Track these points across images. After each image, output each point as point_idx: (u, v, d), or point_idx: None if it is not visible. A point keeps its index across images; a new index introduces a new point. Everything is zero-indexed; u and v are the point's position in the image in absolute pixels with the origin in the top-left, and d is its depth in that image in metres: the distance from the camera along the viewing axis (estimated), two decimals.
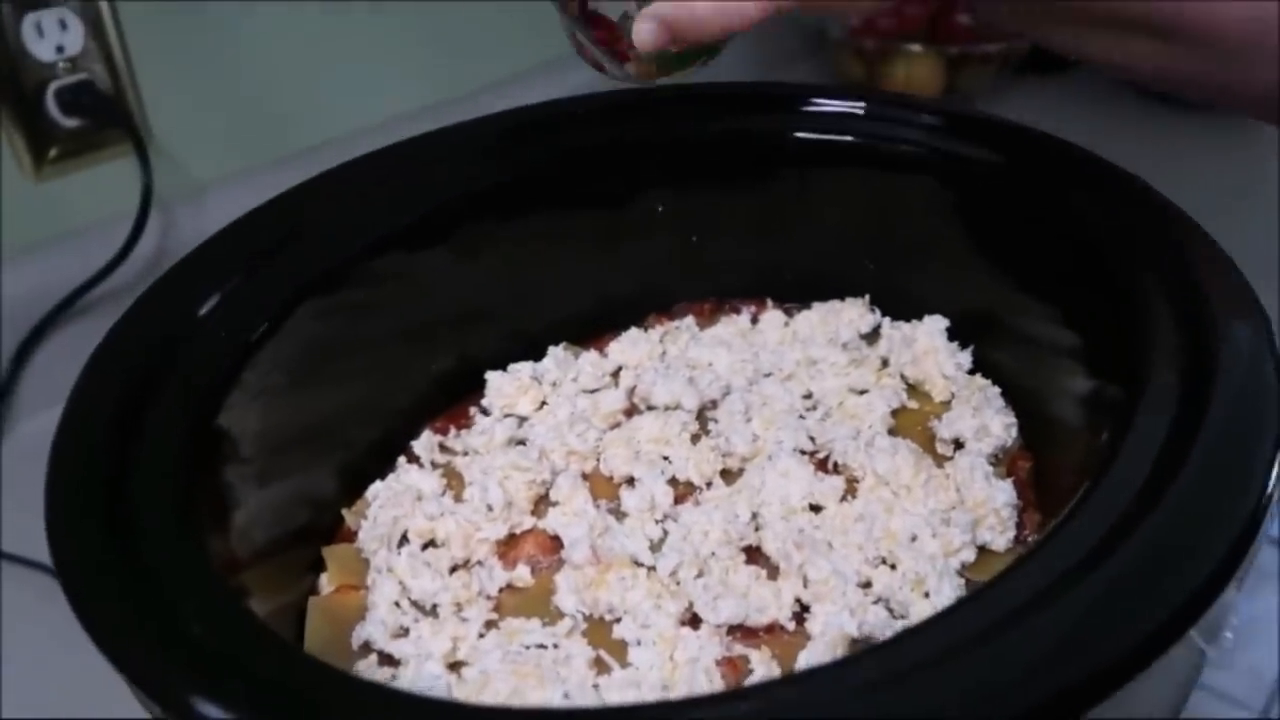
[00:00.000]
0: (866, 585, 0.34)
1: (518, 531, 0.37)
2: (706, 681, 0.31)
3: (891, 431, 0.40)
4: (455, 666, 0.33)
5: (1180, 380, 0.30)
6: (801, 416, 0.41)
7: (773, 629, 0.34)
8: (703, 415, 0.41)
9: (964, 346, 0.42)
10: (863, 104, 0.45)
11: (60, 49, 0.59)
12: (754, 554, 0.36)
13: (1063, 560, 0.26)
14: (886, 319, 0.45)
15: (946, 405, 0.41)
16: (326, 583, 0.37)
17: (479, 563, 0.36)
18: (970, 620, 0.25)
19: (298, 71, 0.69)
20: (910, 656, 0.25)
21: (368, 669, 0.33)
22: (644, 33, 0.35)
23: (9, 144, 0.59)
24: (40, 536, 0.29)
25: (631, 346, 0.44)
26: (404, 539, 0.37)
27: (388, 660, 0.34)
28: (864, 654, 0.27)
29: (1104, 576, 0.25)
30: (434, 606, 0.35)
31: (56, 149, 0.61)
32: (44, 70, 0.59)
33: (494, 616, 0.35)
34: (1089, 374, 0.36)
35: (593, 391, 0.43)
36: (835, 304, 0.45)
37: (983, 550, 0.35)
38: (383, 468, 0.41)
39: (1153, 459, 0.28)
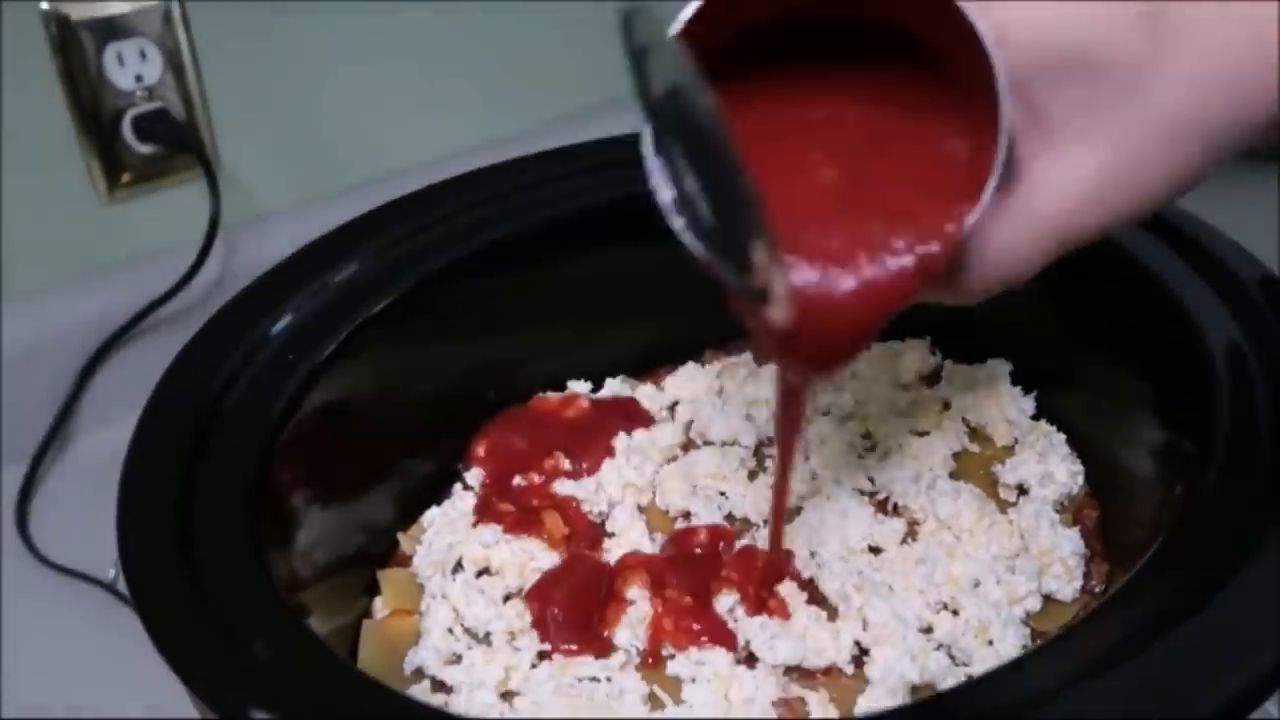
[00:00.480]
0: (928, 630, 0.33)
1: None
2: None
3: (953, 475, 0.39)
4: (507, 696, 0.33)
5: (1261, 438, 0.29)
6: (860, 456, 0.40)
7: (830, 671, 0.33)
8: (760, 452, 0.41)
9: (1027, 392, 0.42)
10: None
11: (139, 78, 0.61)
12: (813, 594, 0.35)
13: (1138, 617, 0.25)
14: (948, 361, 0.44)
15: (1009, 450, 0.40)
16: (381, 606, 0.37)
17: None
18: (1041, 672, 0.25)
19: (363, 106, 0.70)
20: (979, 706, 0.24)
21: (420, 694, 0.33)
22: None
23: (85, 168, 0.61)
24: (100, 551, 0.29)
25: (689, 380, 0.44)
26: (459, 565, 0.37)
27: (440, 686, 0.34)
28: (928, 702, 0.26)
29: (1179, 638, 0.25)
30: (487, 634, 0.35)
31: (129, 174, 0.62)
32: (122, 98, 0.61)
33: (546, 647, 0.34)
34: (1161, 426, 0.36)
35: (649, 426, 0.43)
36: (895, 344, 0.45)
37: (1048, 599, 0.35)
38: (439, 493, 0.41)
39: (1234, 519, 0.27)
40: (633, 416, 0.42)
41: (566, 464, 0.40)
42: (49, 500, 0.59)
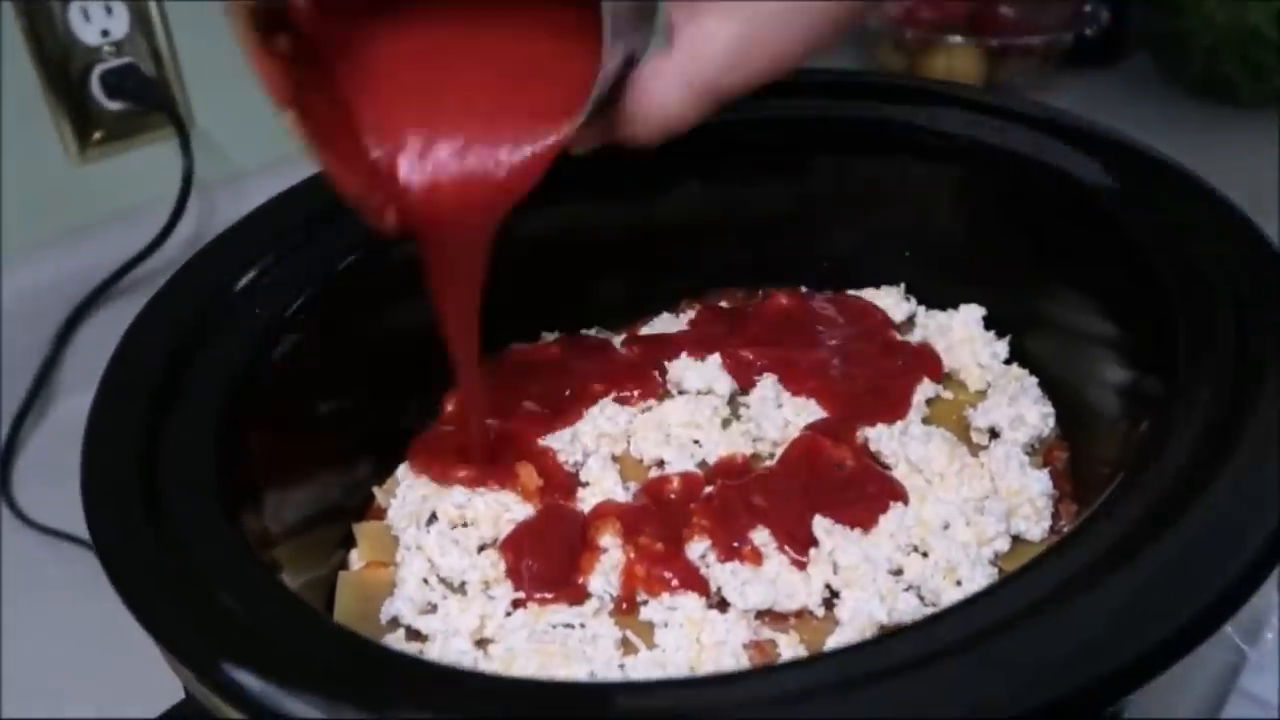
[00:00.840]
0: (897, 573, 0.34)
1: None
2: (734, 664, 0.31)
3: (926, 420, 0.39)
4: (482, 643, 0.33)
5: (1224, 375, 0.29)
6: None
7: (801, 614, 0.33)
8: (734, 401, 0.41)
9: (1000, 336, 0.42)
10: (901, 91, 0.45)
11: (106, 33, 0.60)
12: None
13: (1096, 550, 0.26)
14: (921, 308, 0.44)
15: (982, 395, 0.40)
16: (356, 559, 0.37)
17: None
18: (999, 607, 0.25)
19: None
20: (939, 640, 0.24)
21: (395, 643, 0.34)
22: None
23: (55, 126, 0.60)
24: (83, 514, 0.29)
25: (664, 330, 0.44)
26: (433, 517, 0.37)
27: (415, 635, 0.34)
28: (890, 637, 0.27)
29: (1137, 568, 0.25)
30: (462, 584, 0.35)
31: (100, 132, 0.61)
32: (89, 54, 0.60)
33: (521, 595, 0.35)
34: (1128, 365, 0.36)
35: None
36: (870, 291, 0.45)
37: (1017, 540, 0.35)
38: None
39: (1191, 452, 0.27)
40: (607, 365, 0.42)
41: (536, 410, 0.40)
42: (32, 462, 0.59)
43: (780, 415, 0.39)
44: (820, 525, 0.34)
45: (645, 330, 0.45)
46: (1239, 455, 0.27)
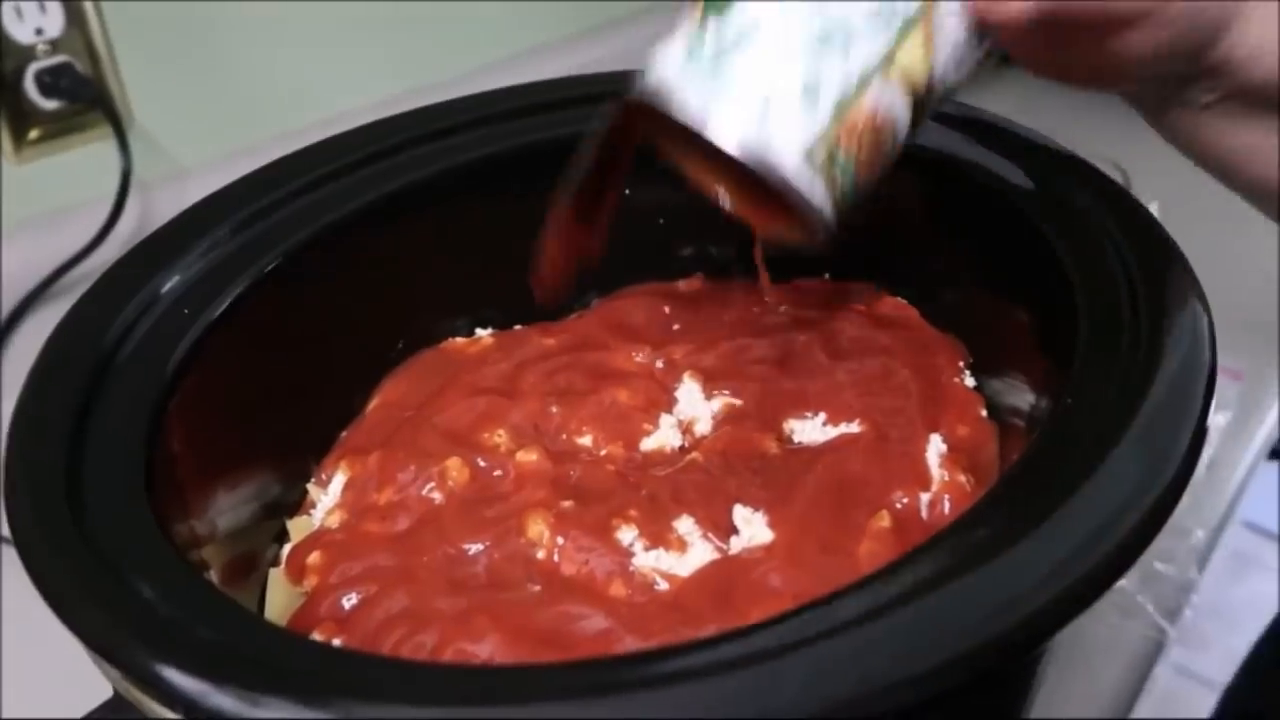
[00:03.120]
0: None
1: None
2: None
3: None
4: None
5: (1121, 363, 0.31)
6: None
7: None
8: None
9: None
10: None
11: (40, 31, 0.59)
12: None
13: (993, 523, 0.27)
14: None
15: None
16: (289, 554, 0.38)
17: None
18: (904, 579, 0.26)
19: (278, 56, 0.69)
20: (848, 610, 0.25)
21: (323, 636, 0.34)
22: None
23: None
24: None
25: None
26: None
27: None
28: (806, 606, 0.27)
29: (1031, 539, 0.26)
30: None
31: (36, 131, 0.61)
32: (23, 53, 0.59)
33: None
34: (1041, 353, 0.37)
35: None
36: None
37: None
38: None
39: (1086, 433, 0.29)
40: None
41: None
42: None
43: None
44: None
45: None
46: (1132, 434, 0.28)
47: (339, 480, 0.39)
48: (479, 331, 0.46)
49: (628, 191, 0.45)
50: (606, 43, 0.81)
